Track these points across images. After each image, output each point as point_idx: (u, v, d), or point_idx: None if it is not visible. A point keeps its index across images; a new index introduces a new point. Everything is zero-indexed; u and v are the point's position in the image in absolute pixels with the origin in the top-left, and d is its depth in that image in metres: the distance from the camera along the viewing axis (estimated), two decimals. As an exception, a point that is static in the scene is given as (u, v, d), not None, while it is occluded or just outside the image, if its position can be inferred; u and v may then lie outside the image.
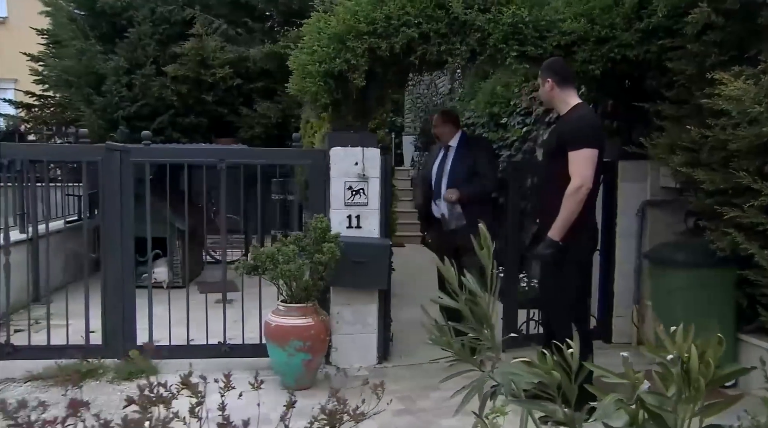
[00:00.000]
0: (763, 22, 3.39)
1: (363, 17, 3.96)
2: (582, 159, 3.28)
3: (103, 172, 4.08)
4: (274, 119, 10.16)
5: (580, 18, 3.98)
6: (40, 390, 3.89)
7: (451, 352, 1.86)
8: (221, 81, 10.04)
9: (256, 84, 10.26)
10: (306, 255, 3.81)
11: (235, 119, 10.38)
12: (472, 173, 4.67)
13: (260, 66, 10.13)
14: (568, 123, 3.46)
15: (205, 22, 10.23)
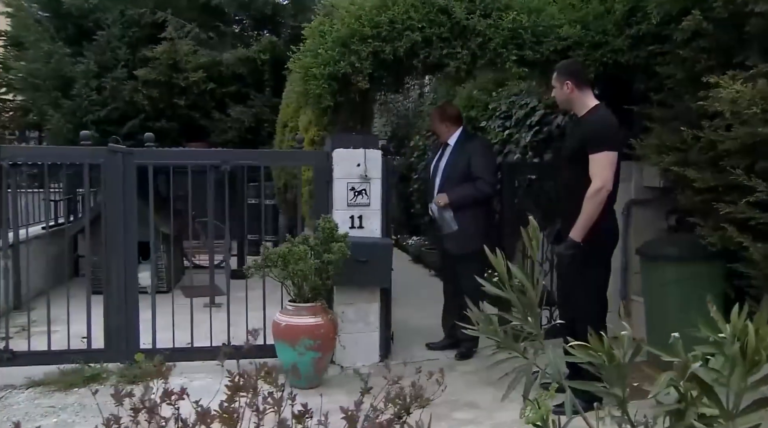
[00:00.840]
0: (751, 30, 3.61)
1: (367, 21, 4.04)
2: (603, 161, 3.37)
3: (105, 175, 4.05)
4: (248, 123, 10.15)
5: (575, 24, 4.15)
6: (43, 396, 3.83)
7: (496, 340, 1.96)
8: (194, 85, 9.98)
9: (229, 88, 10.24)
10: (315, 255, 3.86)
11: (208, 123, 10.33)
12: (467, 173, 4.51)
13: (233, 70, 10.11)
14: (588, 124, 3.52)
15: (177, 26, 10.15)
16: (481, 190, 4.51)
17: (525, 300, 1.92)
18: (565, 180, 3.66)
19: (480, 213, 4.55)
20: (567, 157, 3.63)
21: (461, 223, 4.44)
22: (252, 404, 1.69)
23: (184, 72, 9.94)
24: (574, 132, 3.70)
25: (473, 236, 4.33)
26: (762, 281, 3.68)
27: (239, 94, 10.27)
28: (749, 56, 3.69)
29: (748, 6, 3.55)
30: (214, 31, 10.94)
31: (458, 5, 4.01)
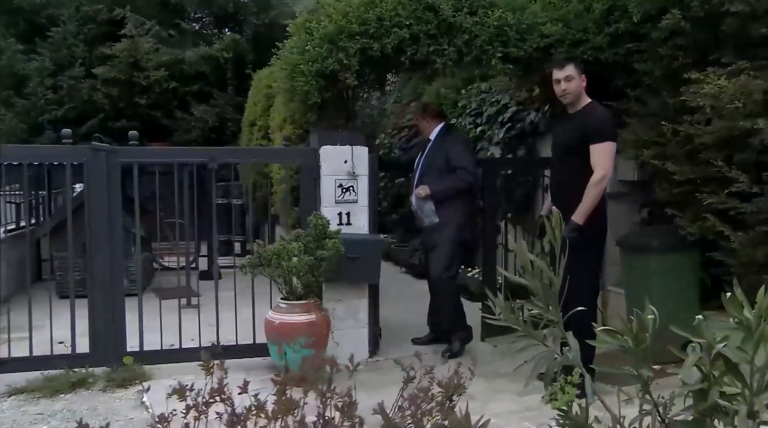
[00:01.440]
0: (726, 29, 3.77)
1: (355, 18, 4.05)
2: (605, 151, 3.53)
3: (88, 174, 3.94)
4: (211, 122, 10.00)
5: (557, 22, 4.26)
6: (29, 403, 3.70)
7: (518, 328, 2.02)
8: (155, 84, 9.77)
9: (192, 87, 10.06)
10: (308, 252, 3.85)
11: (170, 122, 10.13)
12: (445, 166, 4.50)
13: (196, 69, 9.94)
14: (590, 118, 3.63)
15: (137, 23, 9.92)
16: (462, 178, 4.48)
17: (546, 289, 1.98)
18: (565, 171, 3.76)
19: (460, 206, 4.53)
20: (566, 149, 3.74)
21: (441, 215, 4.45)
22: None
23: (145, 70, 9.73)
24: (572, 125, 3.74)
25: (450, 227, 4.44)
26: (740, 268, 3.85)
27: (202, 93, 10.12)
28: (724, 54, 3.85)
29: (723, 6, 3.71)
30: (174, 29, 10.73)
31: (445, 3, 4.06)
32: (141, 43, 9.69)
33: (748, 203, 3.62)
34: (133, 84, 9.77)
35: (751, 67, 3.58)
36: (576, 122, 3.71)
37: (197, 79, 10.02)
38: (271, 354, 4.05)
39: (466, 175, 4.50)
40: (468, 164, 4.54)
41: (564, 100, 3.72)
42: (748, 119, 3.40)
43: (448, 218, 4.48)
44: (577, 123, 3.70)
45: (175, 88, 9.91)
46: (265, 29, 10.24)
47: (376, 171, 4.55)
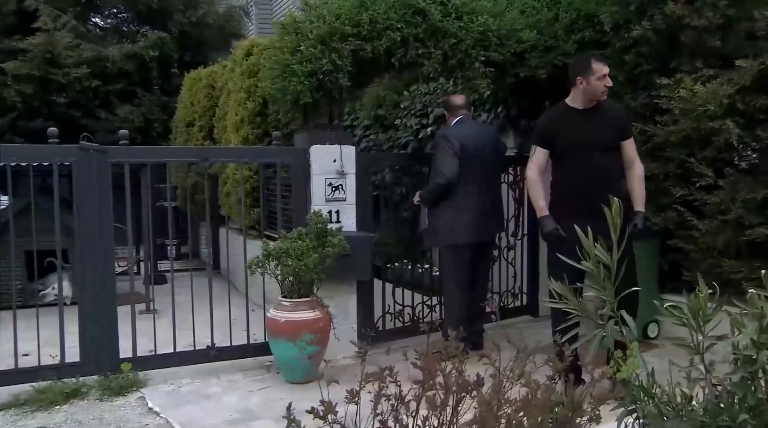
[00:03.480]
0: (685, 40, 4.22)
1: (348, 20, 4.14)
2: (635, 145, 3.77)
3: (77, 175, 3.77)
4: (137, 123, 9.59)
5: (532, 29, 4.55)
6: (24, 417, 3.50)
7: (572, 310, 2.25)
8: (76, 82, 9.23)
9: (115, 86, 9.58)
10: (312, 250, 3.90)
11: (91, 122, 9.58)
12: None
13: (119, 67, 9.49)
14: (620, 113, 3.80)
15: (51, 15, 9.34)
16: (434, 182, 4.35)
17: (602, 275, 2.22)
18: (606, 168, 3.64)
19: (447, 207, 4.37)
20: (602, 143, 3.64)
21: (429, 218, 4.55)
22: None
23: (63, 67, 9.16)
24: (599, 120, 3.66)
25: (441, 232, 4.42)
26: (699, 254, 4.31)
27: (125, 92, 9.67)
28: (682, 62, 4.30)
29: (683, 20, 4.15)
30: (93, 25, 10.22)
31: (434, 8, 4.23)
32: (58, 37, 9.12)
33: (711, 195, 4.07)
34: (50, 81, 9.16)
35: (706, 76, 4.03)
36: (602, 117, 3.66)
37: (120, 77, 9.55)
38: (275, 352, 4.05)
39: (436, 177, 4.35)
40: (440, 165, 4.33)
41: (602, 97, 3.66)
42: (717, 120, 3.83)
43: (434, 222, 4.50)
44: (604, 118, 3.66)
45: (96, 87, 9.39)
46: (191, 28, 9.95)
47: (367, 169, 4.64)
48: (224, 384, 4.01)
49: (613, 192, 3.44)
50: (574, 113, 3.71)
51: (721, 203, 4.01)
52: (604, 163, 3.62)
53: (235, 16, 10.83)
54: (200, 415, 3.52)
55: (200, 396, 3.81)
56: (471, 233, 4.35)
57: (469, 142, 4.34)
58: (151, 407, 3.62)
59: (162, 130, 9.83)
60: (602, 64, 3.61)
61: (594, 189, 3.49)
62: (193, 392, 3.89)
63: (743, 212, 3.93)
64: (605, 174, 3.61)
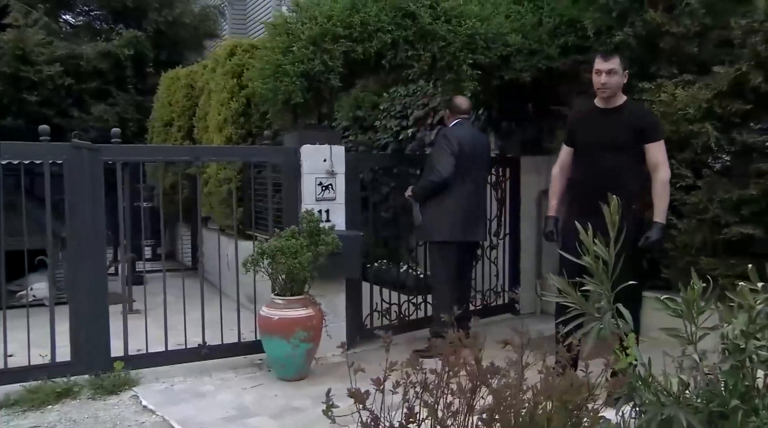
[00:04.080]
0: (663, 46, 4.38)
1: (340, 22, 4.19)
2: (664, 149, 3.54)
3: (68, 173, 3.75)
4: (111, 122, 9.45)
5: (517, 33, 4.67)
6: (16, 417, 3.47)
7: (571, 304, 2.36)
8: (48, 80, 9.07)
9: (89, 85, 9.43)
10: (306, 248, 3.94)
11: (64, 121, 9.42)
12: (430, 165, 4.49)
13: (93, 65, 9.35)
14: (643, 116, 3.61)
15: (22, 11, 9.15)
16: (429, 179, 4.44)
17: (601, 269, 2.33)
18: (608, 166, 3.58)
19: (440, 204, 4.47)
20: (614, 144, 3.57)
21: (423, 214, 4.56)
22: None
23: (35, 65, 8.99)
24: (617, 121, 3.59)
25: (432, 227, 4.53)
26: (677, 252, 4.48)
27: (99, 91, 9.52)
28: (661, 68, 4.47)
29: (663, 27, 4.32)
30: (64, 21, 10.05)
31: (424, 11, 4.32)
32: (29, 34, 8.94)
33: (689, 195, 4.24)
34: (20, 79, 8.97)
35: (685, 80, 4.20)
36: (623, 118, 3.58)
37: (94, 76, 9.41)
38: (267, 350, 4.08)
39: (430, 174, 4.43)
40: (438, 162, 4.41)
41: (601, 94, 3.59)
42: (696, 124, 3.99)
43: (428, 217, 4.53)
44: (624, 119, 3.57)
45: (69, 85, 9.23)
46: (167, 27, 9.85)
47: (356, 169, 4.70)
48: (216, 383, 4.03)
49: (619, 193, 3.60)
50: (595, 112, 3.71)
51: (699, 203, 4.18)
52: (614, 164, 3.55)
53: (210, 15, 10.77)
54: (196, 413, 3.53)
55: (194, 394, 3.82)
56: (464, 232, 4.48)
57: (466, 144, 4.46)
58: (145, 405, 3.62)
59: (137, 129, 9.71)
60: (600, 59, 3.59)
61: (602, 189, 3.36)
62: (186, 390, 3.89)
63: (720, 212, 4.09)
64: (613, 175, 3.52)
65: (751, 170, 4.01)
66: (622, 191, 3.38)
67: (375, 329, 4.87)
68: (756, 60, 3.82)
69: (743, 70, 3.86)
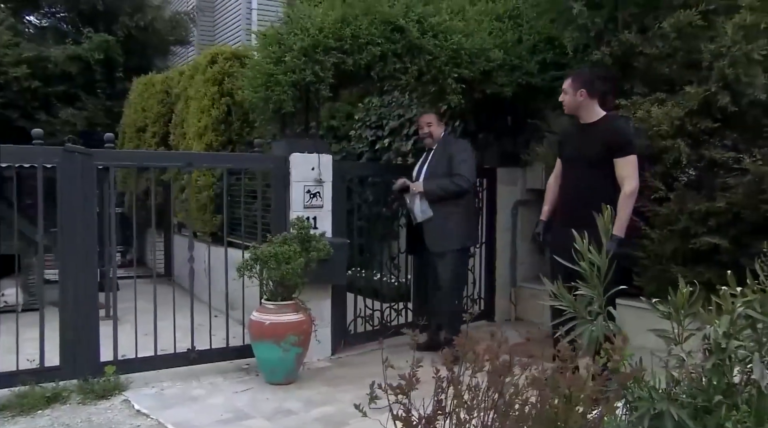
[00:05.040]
0: (638, 65, 4.63)
1: (331, 34, 4.31)
2: (632, 164, 3.61)
3: (61, 178, 3.75)
4: (80, 126, 9.34)
5: (499, 49, 4.86)
6: (7, 422, 3.44)
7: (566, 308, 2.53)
8: (14, 81, 8.90)
9: (56, 88, 9.30)
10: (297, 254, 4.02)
11: (29, 124, 9.24)
12: (447, 173, 4.60)
13: (62, 69, 9.22)
14: (614, 131, 3.71)
15: (-14, 12, 9.00)
16: (457, 184, 4.57)
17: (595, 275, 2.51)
18: (583, 181, 3.76)
19: (460, 211, 4.68)
20: (586, 159, 3.76)
21: (437, 214, 4.61)
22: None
23: (0, 66, 8.83)
24: (591, 136, 3.76)
25: (452, 235, 4.63)
26: (648, 261, 4.71)
27: (67, 94, 9.40)
28: (634, 85, 4.72)
29: (637, 47, 4.56)
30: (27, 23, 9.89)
31: (412, 25, 4.47)
32: (-5, 35, 8.79)
33: (661, 207, 4.48)
34: (-17, 79, 8.82)
35: (659, 99, 4.45)
36: (596, 134, 3.75)
37: (63, 79, 9.28)
38: (258, 354, 4.12)
39: (462, 180, 4.58)
40: (467, 171, 4.61)
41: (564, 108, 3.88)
42: (669, 139, 4.24)
43: (446, 224, 4.63)
44: (597, 135, 3.73)
45: (36, 88, 9.08)
46: (139, 32, 9.78)
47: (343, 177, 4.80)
48: (207, 387, 4.05)
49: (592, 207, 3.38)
50: (577, 128, 3.93)
51: (670, 214, 4.41)
52: (588, 178, 3.72)
53: (181, 22, 10.73)
54: (191, 416, 3.56)
55: (186, 398, 3.84)
56: (475, 238, 5.08)
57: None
58: (138, 409, 3.63)
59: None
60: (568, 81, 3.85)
61: (574, 201, 3.76)
62: (178, 395, 3.91)
63: (689, 223, 4.34)
64: (585, 188, 3.70)
65: (717, 184, 4.28)
66: (592, 204, 3.45)
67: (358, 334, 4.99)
68: (723, 82, 4.09)
69: (712, 91, 4.11)
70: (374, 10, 4.42)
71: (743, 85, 4.01)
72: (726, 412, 2.17)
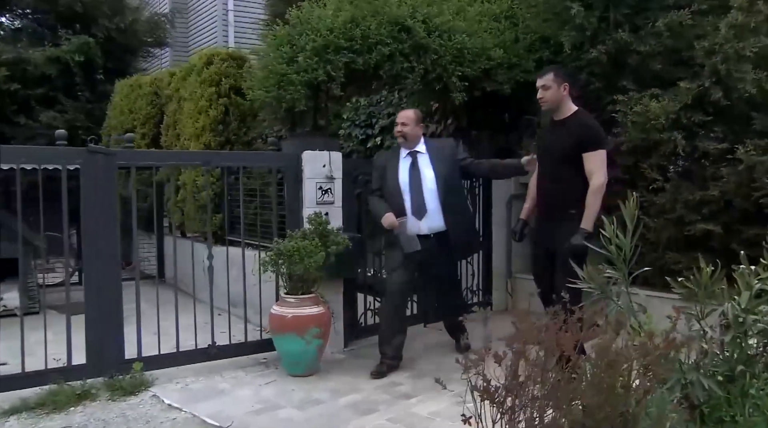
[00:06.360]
0: (631, 63, 4.87)
1: (342, 34, 4.43)
2: (599, 159, 3.67)
3: (84, 178, 3.78)
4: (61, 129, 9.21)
5: (499, 48, 5.05)
6: (41, 420, 3.47)
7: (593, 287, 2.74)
8: (-8, 84, 8.76)
9: (35, 91, 9.17)
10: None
11: (6, 128, 9.10)
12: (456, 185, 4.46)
13: (41, 71, 9.10)
14: (581, 127, 3.76)
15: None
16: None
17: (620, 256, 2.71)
18: (556, 177, 3.85)
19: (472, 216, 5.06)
20: (557, 156, 3.83)
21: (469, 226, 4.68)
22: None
23: (-23, 68, 8.69)
24: (561, 133, 3.83)
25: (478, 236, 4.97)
26: (645, 248, 4.95)
27: (47, 97, 9.28)
28: (627, 82, 4.96)
29: (631, 46, 4.80)
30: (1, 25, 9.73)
31: (419, 26, 4.62)
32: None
33: (657, 196, 4.72)
34: (-41, 83, 8.65)
35: (654, 94, 4.69)
36: (566, 130, 3.81)
37: (42, 82, 9.15)
38: (280, 347, 4.21)
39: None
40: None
41: (542, 107, 3.93)
42: (665, 132, 4.48)
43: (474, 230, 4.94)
44: (567, 131, 3.79)
45: (15, 91, 8.94)
46: (118, 34, 9.71)
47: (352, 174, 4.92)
48: (230, 381, 4.13)
49: (563, 202, 3.74)
50: (550, 124, 4.03)
51: (666, 203, 4.66)
52: (559, 173, 3.81)
53: (160, 24, 10.68)
54: (222, 408, 3.64)
55: (213, 392, 3.92)
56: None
57: None
58: (169, 403, 3.69)
59: (87, 137, 9.51)
60: (538, 77, 3.92)
61: (549, 197, 3.88)
62: (204, 389, 3.98)
63: (684, 211, 4.59)
64: (558, 183, 3.82)
65: (709, 174, 4.54)
66: (565, 200, 3.78)
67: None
68: (716, 77, 4.34)
69: (705, 86, 4.37)
70: (382, 11, 4.55)
71: (734, 80, 4.27)
72: (748, 380, 2.39)
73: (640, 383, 2.10)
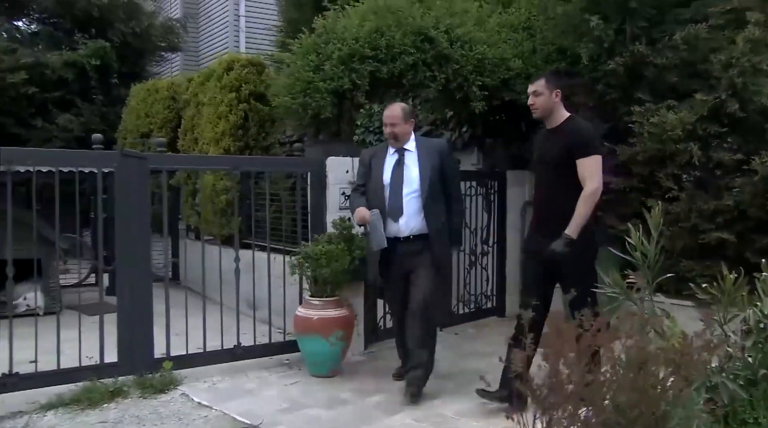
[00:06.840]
0: (647, 75, 4.99)
1: (367, 44, 4.55)
2: (595, 164, 3.51)
3: (118, 181, 3.89)
4: (76, 132, 9.35)
5: (518, 58, 5.17)
6: (77, 415, 3.57)
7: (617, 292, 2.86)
8: (11, 87, 8.88)
9: (53, 94, 9.30)
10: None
11: (23, 131, 9.22)
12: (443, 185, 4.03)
13: (59, 75, 9.23)
14: (574, 133, 3.60)
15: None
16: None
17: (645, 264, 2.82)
18: (550, 185, 3.71)
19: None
20: (550, 163, 3.68)
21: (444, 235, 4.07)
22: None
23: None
24: (554, 139, 3.69)
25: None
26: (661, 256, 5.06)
27: (64, 100, 9.40)
28: (643, 94, 5.07)
29: (647, 58, 4.92)
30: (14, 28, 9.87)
31: (441, 36, 4.74)
32: (-8, 41, 8.77)
33: (672, 205, 4.83)
34: (-21, 86, 8.77)
35: (671, 106, 4.80)
36: (559, 136, 3.66)
37: (59, 85, 9.28)
38: (304, 348, 4.31)
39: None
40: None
41: (533, 114, 3.73)
42: (681, 143, 4.59)
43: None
44: (560, 137, 3.65)
45: (33, 94, 9.06)
46: (134, 38, 9.85)
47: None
48: (256, 381, 4.23)
49: (557, 210, 3.58)
50: (544, 132, 3.85)
51: (681, 212, 4.76)
52: (553, 181, 3.66)
53: (174, 29, 10.82)
54: (251, 407, 3.74)
55: (240, 391, 4.02)
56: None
57: None
58: (199, 402, 3.79)
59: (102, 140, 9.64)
60: (530, 83, 3.75)
61: (543, 205, 3.77)
62: (231, 388, 4.08)
63: (698, 220, 4.69)
64: (552, 191, 3.66)
65: (723, 184, 4.65)
66: (557, 207, 3.63)
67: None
68: (733, 90, 4.46)
69: (722, 98, 4.48)
70: (405, 22, 4.67)
71: (751, 93, 4.38)
72: (770, 384, 2.48)
73: (673, 383, 2.20)
